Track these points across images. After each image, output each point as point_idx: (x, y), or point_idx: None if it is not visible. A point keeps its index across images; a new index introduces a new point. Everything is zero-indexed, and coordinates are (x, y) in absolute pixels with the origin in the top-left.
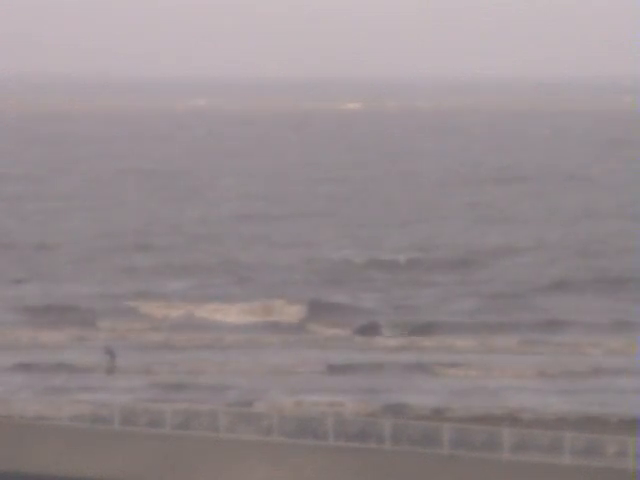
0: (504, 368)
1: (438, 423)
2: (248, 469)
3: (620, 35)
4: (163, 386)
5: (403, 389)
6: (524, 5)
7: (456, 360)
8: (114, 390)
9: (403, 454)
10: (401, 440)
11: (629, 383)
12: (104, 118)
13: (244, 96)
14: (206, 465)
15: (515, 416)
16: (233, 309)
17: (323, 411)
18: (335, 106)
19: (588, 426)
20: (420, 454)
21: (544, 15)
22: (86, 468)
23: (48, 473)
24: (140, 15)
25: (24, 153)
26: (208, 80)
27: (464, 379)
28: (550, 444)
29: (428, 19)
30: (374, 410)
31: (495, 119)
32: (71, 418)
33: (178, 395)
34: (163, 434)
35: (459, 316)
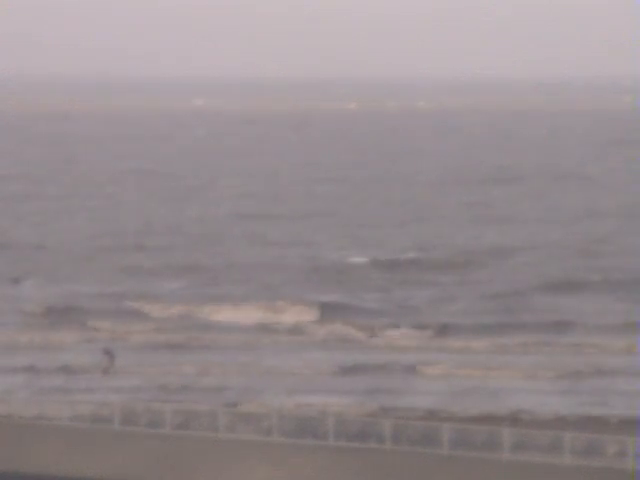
0: (526, 369)
1: (438, 423)
2: (248, 469)
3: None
4: (161, 388)
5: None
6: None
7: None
8: (113, 391)
9: (403, 454)
10: (401, 440)
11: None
12: (104, 118)
13: (244, 96)
14: (206, 465)
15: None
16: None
17: (323, 411)
18: (335, 106)
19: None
20: (420, 454)
21: (544, 15)
22: (86, 468)
23: (48, 473)
24: (140, 15)
25: (24, 153)
26: (208, 80)
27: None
28: (550, 444)
29: (428, 19)
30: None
31: (495, 119)
32: (71, 418)
33: (185, 396)
34: (163, 434)
35: (466, 317)
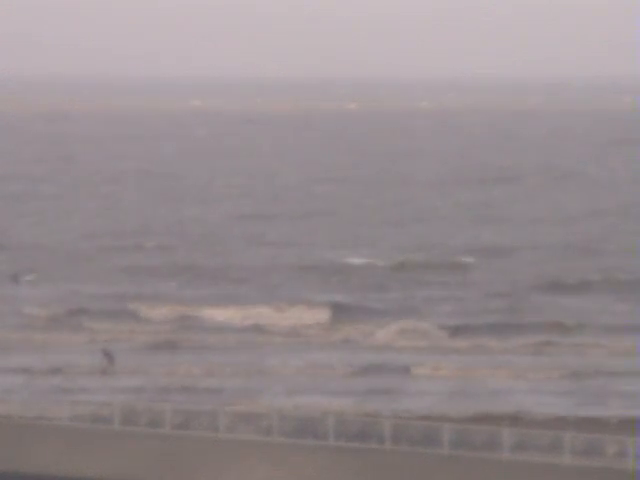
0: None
1: (438, 423)
2: (248, 469)
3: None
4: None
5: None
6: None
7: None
8: (113, 392)
9: (403, 454)
10: (401, 440)
11: None
12: (104, 118)
13: (244, 96)
14: (206, 465)
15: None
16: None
17: (323, 411)
18: (335, 106)
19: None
20: (420, 454)
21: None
22: (86, 468)
23: (48, 473)
24: (140, 15)
25: (24, 153)
26: (208, 80)
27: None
28: (550, 444)
29: (428, 19)
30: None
31: (495, 119)
32: (71, 418)
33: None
34: (163, 434)
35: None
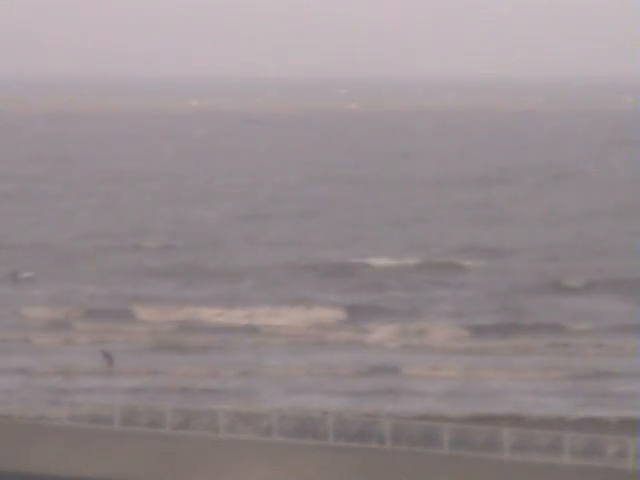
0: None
1: (438, 423)
2: (248, 469)
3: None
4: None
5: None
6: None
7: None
8: (112, 392)
9: (403, 454)
10: (401, 440)
11: None
12: (104, 118)
13: (244, 96)
14: (206, 465)
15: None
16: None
17: (323, 411)
18: (335, 106)
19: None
20: (420, 454)
21: (544, 15)
22: (86, 468)
23: (48, 473)
24: (140, 15)
25: (24, 153)
26: (208, 80)
27: None
28: (550, 444)
29: (428, 19)
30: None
31: (495, 119)
32: (71, 418)
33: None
34: (163, 434)
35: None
